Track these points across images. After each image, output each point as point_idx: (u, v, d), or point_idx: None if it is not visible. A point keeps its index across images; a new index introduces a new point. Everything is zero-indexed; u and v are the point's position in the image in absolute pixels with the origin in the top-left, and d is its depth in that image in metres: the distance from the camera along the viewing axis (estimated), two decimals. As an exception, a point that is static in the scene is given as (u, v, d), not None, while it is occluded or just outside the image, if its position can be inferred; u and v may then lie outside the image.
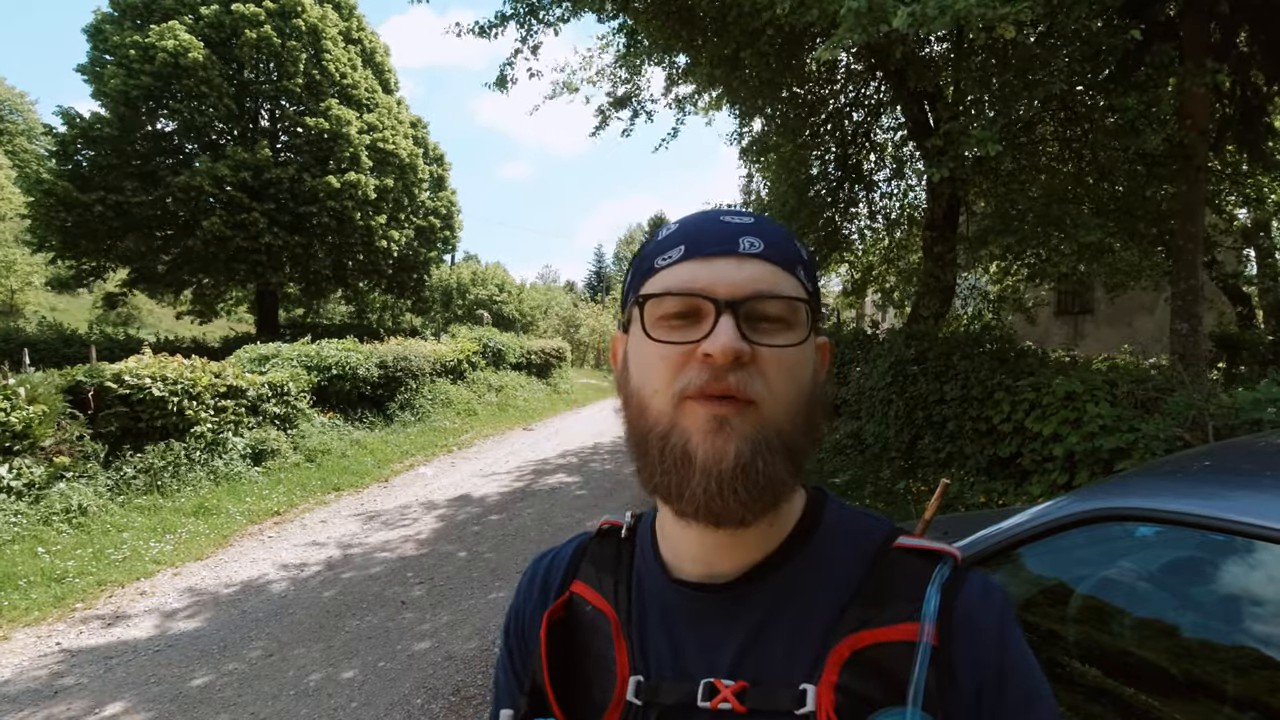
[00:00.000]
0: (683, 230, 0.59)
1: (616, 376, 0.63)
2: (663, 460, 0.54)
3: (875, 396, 7.12)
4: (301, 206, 18.02)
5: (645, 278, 0.59)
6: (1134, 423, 4.29)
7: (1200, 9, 5.51)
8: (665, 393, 0.54)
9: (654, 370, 0.55)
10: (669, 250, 0.58)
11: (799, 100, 8.17)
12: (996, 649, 0.54)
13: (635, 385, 0.58)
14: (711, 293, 0.54)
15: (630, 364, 0.59)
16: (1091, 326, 14.42)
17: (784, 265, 0.57)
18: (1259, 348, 9.60)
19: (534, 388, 16.10)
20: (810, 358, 0.58)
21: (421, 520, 6.48)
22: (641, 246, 0.64)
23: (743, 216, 0.59)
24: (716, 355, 0.51)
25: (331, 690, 3.44)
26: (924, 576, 0.56)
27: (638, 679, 0.58)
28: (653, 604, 0.61)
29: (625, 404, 0.60)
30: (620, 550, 0.67)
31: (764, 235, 0.58)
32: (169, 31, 16.47)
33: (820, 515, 0.61)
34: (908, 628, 0.52)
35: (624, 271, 0.63)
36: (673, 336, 0.55)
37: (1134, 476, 1.78)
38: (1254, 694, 1.34)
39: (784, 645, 0.55)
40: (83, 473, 5.95)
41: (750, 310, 0.54)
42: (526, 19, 6.65)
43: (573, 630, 0.63)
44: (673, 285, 0.56)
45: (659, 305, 0.56)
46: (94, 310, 24.23)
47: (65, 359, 12.41)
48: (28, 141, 29.66)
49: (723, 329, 0.52)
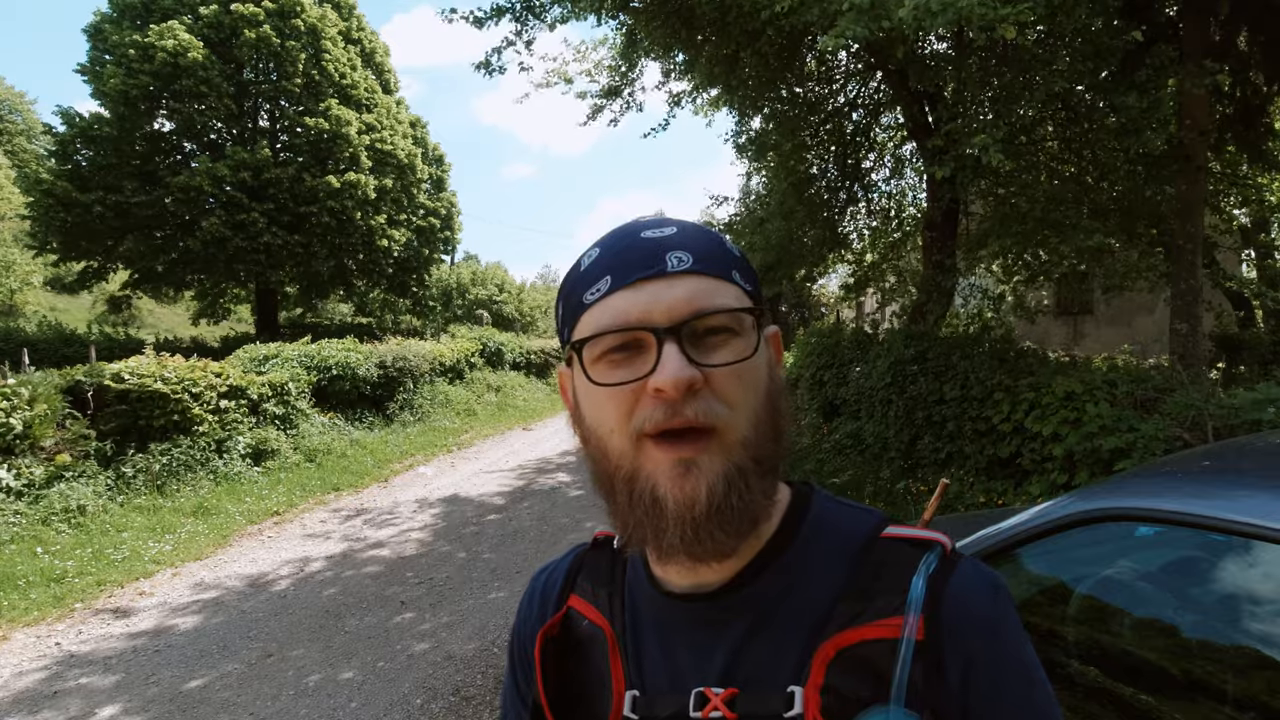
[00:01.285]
0: (605, 255, 0.57)
1: (570, 415, 0.60)
2: (633, 507, 0.53)
3: (875, 396, 7.12)
4: (301, 206, 18.01)
5: (576, 316, 0.56)
6: (1134, 423, 4.28)
7: (1200, 9, 5.51)
8: (621, 431, 0.53)
9: (606, 411, 0.53)
10: (595, 282, 0.55)
11: (798, 99, 8.17)
12: (988, 639, 0.52)
13: (590, 425, 0.56)
14: (649, 322, 0.52)
15: (581, 404, 0.57)
16: (1091, 326, 14.43)
17: (718, 274, 0.55)
18: (1259, 348, 9.60)
19: (533, 387, 16.10)
20: (763, 361, 0.56)
21: (421, 520, 6.48)
22: (565, 278, 0.60)
23: (665, 228, 0.57)
24: (668, 389, 0.49)
25: (331, 690, 3.44)
26: (911, 566, 0.54)
27: (633, 694, 0.58)
28: (645, 617, 0.61)
29: (584, 443, 0.58)
30: (614, 562, 0.66)
31: (691, 246, 0.55)
32: (168, 31, 16.45)
33: (806, 512, 0.60)
34: (892, 622, 0.51)
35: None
36: (618, 375, 0.53)
37: (1134, 476, 1.78)
38: (1254, 694, 1.33)
39: (773, 648, 0.55)
40: (82, 473, 5.95)
41: (692, 330, 0.52)
42: (523, 14, 6.66)
43: (571, 646, 0.63)
44: (606, 323, 0.53)
45: (596, 344, 0.54)
46: (94, 310, 24.21)
47: (65, 359, 12.40)
48: (27, 141, 29.64)
49: (668, 360, 0.50)
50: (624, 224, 0.60)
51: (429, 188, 23.16)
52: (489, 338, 15.71)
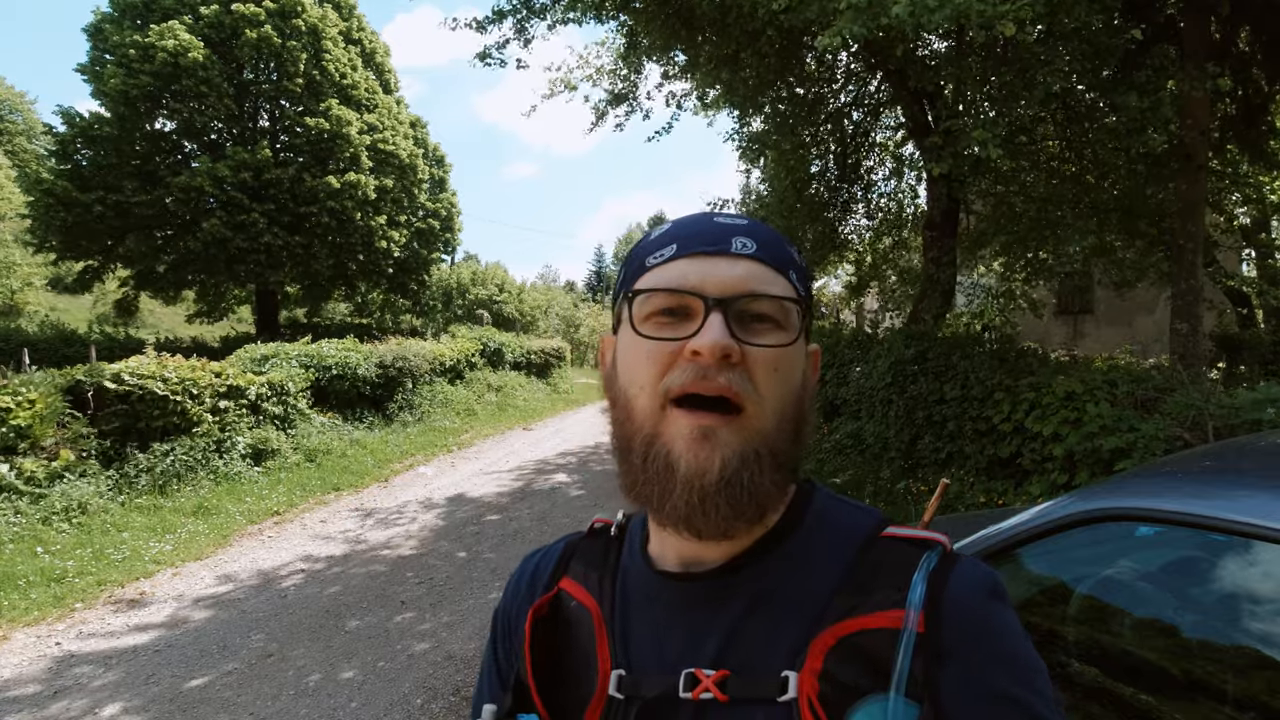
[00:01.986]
0: (676, 229, 0.59)
1: (604, 376, 0.62)
2: (645, 468, 0.54)
3: (875, 396, 7.12)
4: (302, 207, 18.02)
5: (636, 275, 0.59)
6: (1134, 423, 4.28)
7: (1201, 8, 5.50)
8: (651, 390, 0.54)
9: (641, 367, 0.55)
10: (661, 248, 0.58)
11: (798, 99, 8.17)
12: (987, 636, 0.52)
13: (622, 384, 0.57)
14: (701, 290, 0.54)
15: (618, 362, 0.59)
16: (1091, 326, 14.43)
17: (776, 266, 0.57)
18: (1259, 348, 9.60)
19: (533, 387, 16.11)
20: (800, 360, 0.57)
21: (421, 520, 6.48)
22: (634, 247, 0.63)
23: (736, 218, 0.60)
24: (705, 353, 0.51)
25: (331, 690, 3.44)
26: (911, 564, 0.55)
27: (619, 672, 0.58)
28: (636, 596, 0.61)
29: (612, 404, 0.60)
30: (609, 547, 0.67)
31: (757, 236, 0.58)
32: (169, 31, 16.46)
33: (808, 505, 0.61)
34: (893, 614, 0.52)
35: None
36: (661, 333, 0.55)
37: (1134, 476, 1.78)
38: (1254, 694, 1.33)
39: (768, 633, 0.55)
40: (83, 472, 5.95)
41: (741, 309, 0.54)
42: (524, 15, 6.68)
43: (559, 626, 0.63)
44: (662, 282, 0.56)
45: (648, 301, 0.56)
46: (95, 310, 24.22)
47: (65, 359, 12.41)
48: (28, 141, 29.64)
49: (711, 326, 0.52)
50: (700, 210, 0.64)
51: (429, 188, 23.17)
52: (489, 338, 15.71)
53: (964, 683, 0.50)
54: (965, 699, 0.50)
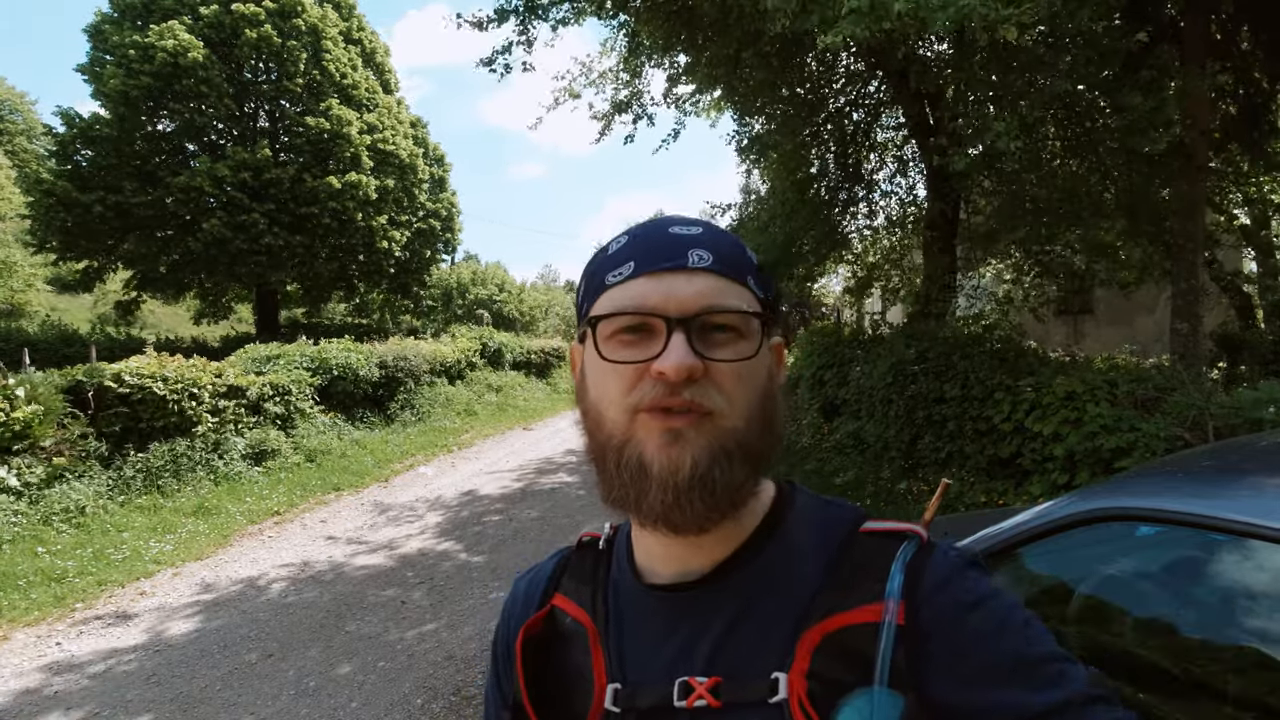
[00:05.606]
0: (632, 244, 0.60)
1: (575, 388, 0.63)
2: (620, 473, 0.55)
3: (875, 396, 7.11)
4: (302, 207, 18.01)
5: (597, 294, 0.60)
6: (1134, 422, 4.28)
7: (1202, 8, 5.50)
8: (619, 406, 0.55)
9: (608, 386, 0.56)
10: (619, 266, 0.59)
11: (799, 100, 8.16)
12: (966, 610, 0.53)
13: (592, 399, 0.59)
14: (663, 310, 0.55)
15: (587, 378, 0.60)
16: (1091, 326, 14.42)
17: (734, 276, 0.58)
18: (1260, 348, 9.58)
19: (534, 387, 16.11)
20: (764, 364, 0.59)
21: (421, 520, 6.48)
22: (592, 259, 0.64)
23: (692, 227, 0.60)
24: (669, 374, 0.52)
25: (331, 690, 3.44)
26: (889, 556, 0.56)
27: (615, 686, 0.59)
28: (628, 610, 0.62)
29: (583, 416, 0.61)
30: (598, 561, 0.68)
31: (713, 248, 0.58)
32: (169, 31, 16.45)
33: (789, 506, 0.62)
34: (873, 608, 0.53)
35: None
36: (626, 354, 0.56)
37: (1134, 476, 1.78)
38: (1254, 694, 1.33)
39: (756, 636, 0.56)
40: (83, 473, 5.95)
41: (702, 324, 0.55)
42: (525, 15, 6.67)
43: (553, 643, 0.64)
44: (623, 304, 0.56)
45: (611, 324, 0.57)
46: (96, 310, 24.22)
47: (66, 359, 12.39)
48: (28, 141, 29.63)
49: (674, 347, 0.53)
50: (654, 219, 0.63)
51: (429, 188, 23.15)
52: (489, 337, 15.72)
53: (952, 664, 0.51)
54: (958, 680, 0.51)
